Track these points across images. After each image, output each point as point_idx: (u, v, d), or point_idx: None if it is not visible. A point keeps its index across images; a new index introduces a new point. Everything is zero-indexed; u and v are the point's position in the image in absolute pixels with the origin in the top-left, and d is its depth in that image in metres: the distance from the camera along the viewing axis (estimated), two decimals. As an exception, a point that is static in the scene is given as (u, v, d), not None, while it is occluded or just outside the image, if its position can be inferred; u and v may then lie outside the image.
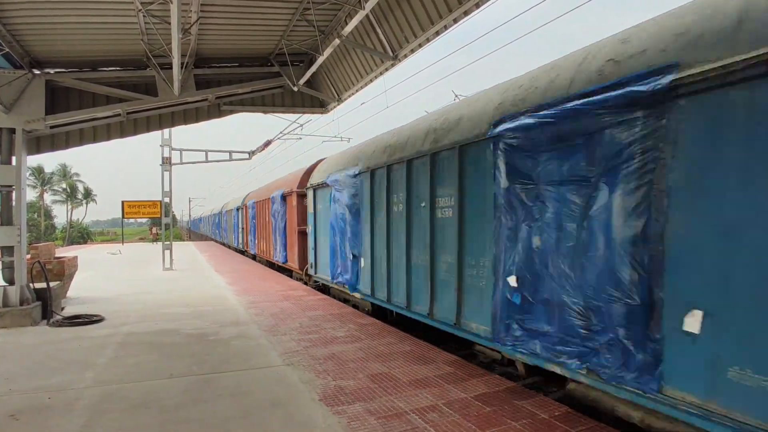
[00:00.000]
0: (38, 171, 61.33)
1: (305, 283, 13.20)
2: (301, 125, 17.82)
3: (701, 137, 3.28)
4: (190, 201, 78.13)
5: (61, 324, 7.91)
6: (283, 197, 15.20)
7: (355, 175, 9.03)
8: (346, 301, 10.30)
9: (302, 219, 13.44)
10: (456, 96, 8.81)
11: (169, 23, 6.12)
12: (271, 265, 18.11)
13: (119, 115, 9.61)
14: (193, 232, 74.45)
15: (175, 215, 69.72)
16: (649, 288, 3.54)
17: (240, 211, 26.04)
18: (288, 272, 15.54)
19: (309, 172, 13.04)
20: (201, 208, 73.20)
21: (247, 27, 8.32)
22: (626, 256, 3.69)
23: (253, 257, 22.50)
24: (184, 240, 67.57)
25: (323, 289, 11.99)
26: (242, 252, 26.55)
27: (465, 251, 5.87)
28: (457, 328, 5.97)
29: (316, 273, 12.04)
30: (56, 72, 8.84)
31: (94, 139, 9.92)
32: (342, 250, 9.84)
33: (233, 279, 14.23)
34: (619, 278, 3.73)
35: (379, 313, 8.64)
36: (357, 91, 10.32)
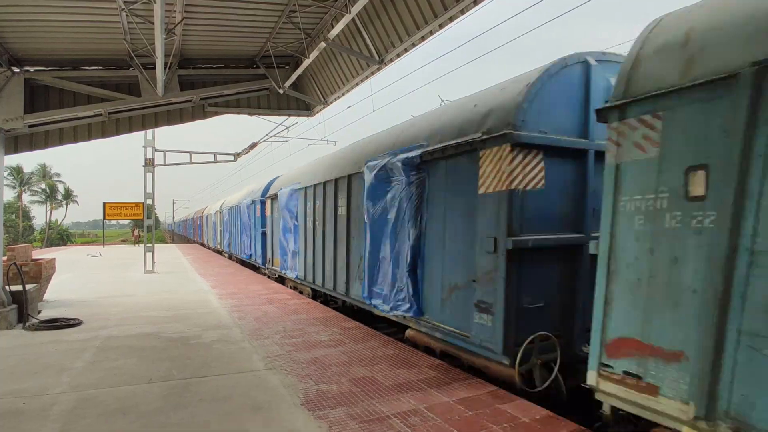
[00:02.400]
0: (17, 171, 59.96)
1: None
2: (287, 128, 17.75)
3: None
4: (173, 203, 77.02)
5: (37, 327, 7.73)
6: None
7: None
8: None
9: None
10: (442, 101, 8.87)
11: (153, 23, 6.07)
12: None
13: (101, 115, 9.45)
14: (177, 235, 73.50)
15: (158, 217, 68.76)
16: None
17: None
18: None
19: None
20: (185, 210, 72.38)
21: (232, 28, 8.27)
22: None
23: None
24: (167, 242, 66.64)
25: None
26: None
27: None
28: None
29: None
30: (36, 70, 8.67)
31: (75, 139, 9.73)
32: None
33: (217, 282, 14.07)
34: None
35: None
36: (343, 94, 10.33)
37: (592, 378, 3.70)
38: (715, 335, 2.96)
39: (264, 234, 16.20)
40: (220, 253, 27.85)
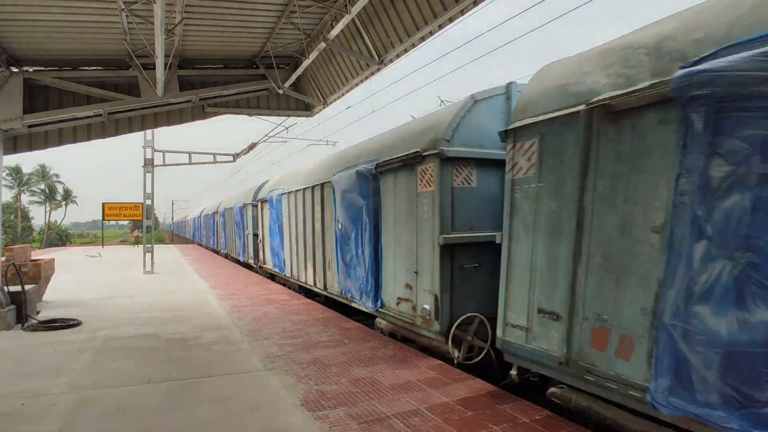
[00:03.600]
0: (16, 171, 59.91)
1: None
2: (287, 128, 17.74)
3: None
4: (173, 203, 77.00)
5: (36, 328, 7.72)
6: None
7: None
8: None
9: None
10: (442, 102, 8.87)
11: (153, 23, 6.06)
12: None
13: (100, 115, 9.45)
14: (176, 235, 73.44)
15: (157, 218, 68.60)
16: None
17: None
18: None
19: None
20: (184, 211, 72.34)
21: (232, 29, 8.27)
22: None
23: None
24: (166, 243, 66.59)
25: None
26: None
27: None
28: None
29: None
30: (35, 70, 8.67)
31: (74, 139, 9.72)
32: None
33: (216, 283, 14.06)
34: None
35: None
36: (343, 94, 10.33)
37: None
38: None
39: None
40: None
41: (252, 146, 19.14)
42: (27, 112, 8.38)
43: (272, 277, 15.39)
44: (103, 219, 33.24)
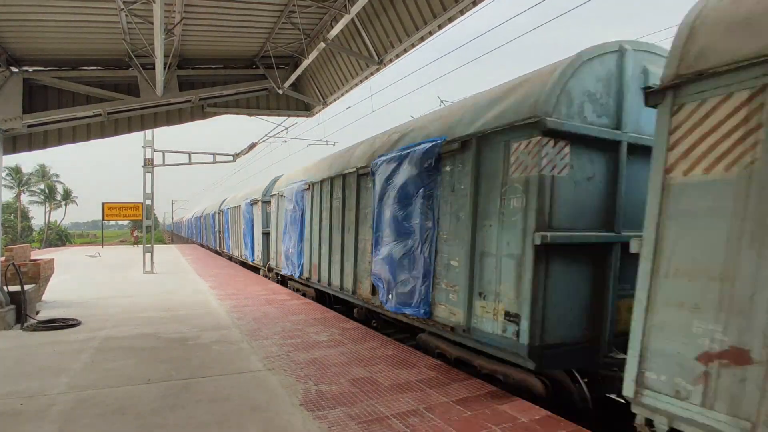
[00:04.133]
0: (15, 171, 59.86)
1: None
2: (287, 128, 17.74)
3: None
4: (173, 203, 76.97)
5: (35, 328, 7.71)
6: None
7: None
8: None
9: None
10: (441, 102, 8.85)
11: (152, 23, 6.06)
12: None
13: (100, 115, 9.45)
14: (176, 235, 73.41)
15: (157, 218, 68.56)
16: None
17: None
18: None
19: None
20: (184, 211, 72.32)
21: (231, 29, 8.27)
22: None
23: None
24: (166, 243, 66.56)
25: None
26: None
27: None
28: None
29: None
30: (35, 70, 8.67)
31: (74, 139, 9.72)
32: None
33: (216, 283, 14.05)
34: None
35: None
36: (342, 94, 10.33)
37: None
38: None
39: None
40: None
41: (252, 146, 19.15)
42: (26, 112, 8.38)
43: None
44: (103, 219, 33.23)
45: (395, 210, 6.79)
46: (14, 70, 8.37)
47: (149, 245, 17.34)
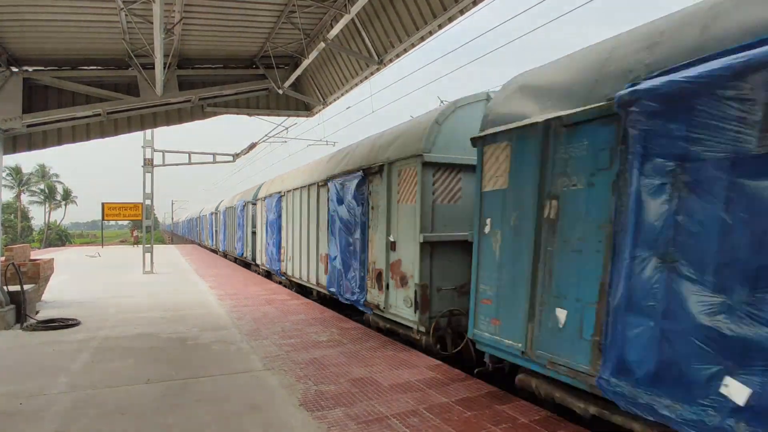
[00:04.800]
0: (16, 171, 59.86)
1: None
2: (287, 128, 17.71)
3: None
4: (172, 203, 76.92)
5: (35, 328, 7.70)
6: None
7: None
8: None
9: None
10: (441, 101, 8.87)
11: (152, 23, 6.05)
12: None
13: (99, 115, 9.44)
14: (176, 235, 73.40)
15: (157, 218, 68.49)
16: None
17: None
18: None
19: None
20: (184, 211, 72.31)
21: (231, 28, 8.26)
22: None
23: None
24: (166, 243, 66.53)
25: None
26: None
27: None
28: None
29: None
30: (35, 70, 8.66)
31: (73, 139, 9.72)
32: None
33: (215, 283, 14.04)
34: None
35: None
36: (342, 94, 10.32)
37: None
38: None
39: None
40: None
41: (252, 146, 19.13)
42: (26, 112, 8.38)
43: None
44: (103, 219, 33.20)
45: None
46: (14, 69, 8.37)
47: (149, 245, 17.33)
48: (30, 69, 8.60)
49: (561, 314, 4.08)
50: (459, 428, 4.00)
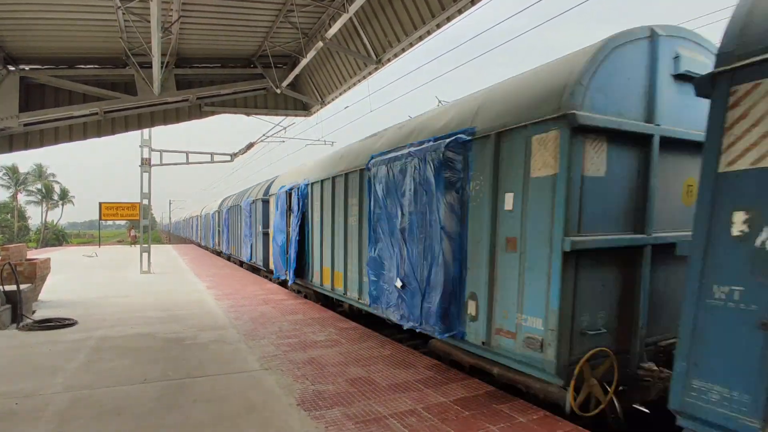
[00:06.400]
0: (12, 170, 59.65)
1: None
2: (284, 128, 17.70)
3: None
4: (170, 203, 76.79)
5: (31, 328, 7.67)
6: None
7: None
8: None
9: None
10: (440, 102, 8.86)
11: (149, 21, 6.03)
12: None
13: (96, 114, 9.42)
14: (173, 235, 73.27)
15: (154, 217, 68.41)
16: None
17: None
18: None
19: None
20: (182, 211, 72.20)
21: (229, 27, 8.25)
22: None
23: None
24: (163, 243, 66.39)
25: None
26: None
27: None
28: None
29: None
30: (31, 68, 8.63)
31: (70, 137, 9.69)
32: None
33: (213, 283, 14.01)
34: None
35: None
36: (340, 94, 10.31)
37: None
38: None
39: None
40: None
41: (250, 146, 19.11)
42: (23, 111, 8.35)
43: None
44: (100, 219, 33.05)
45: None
46: (11, 68, 8.34)
47: (146, 245, 17.29)
48: (27, 67, 8.57)
49: None
50: (457, 428, 3.99)
